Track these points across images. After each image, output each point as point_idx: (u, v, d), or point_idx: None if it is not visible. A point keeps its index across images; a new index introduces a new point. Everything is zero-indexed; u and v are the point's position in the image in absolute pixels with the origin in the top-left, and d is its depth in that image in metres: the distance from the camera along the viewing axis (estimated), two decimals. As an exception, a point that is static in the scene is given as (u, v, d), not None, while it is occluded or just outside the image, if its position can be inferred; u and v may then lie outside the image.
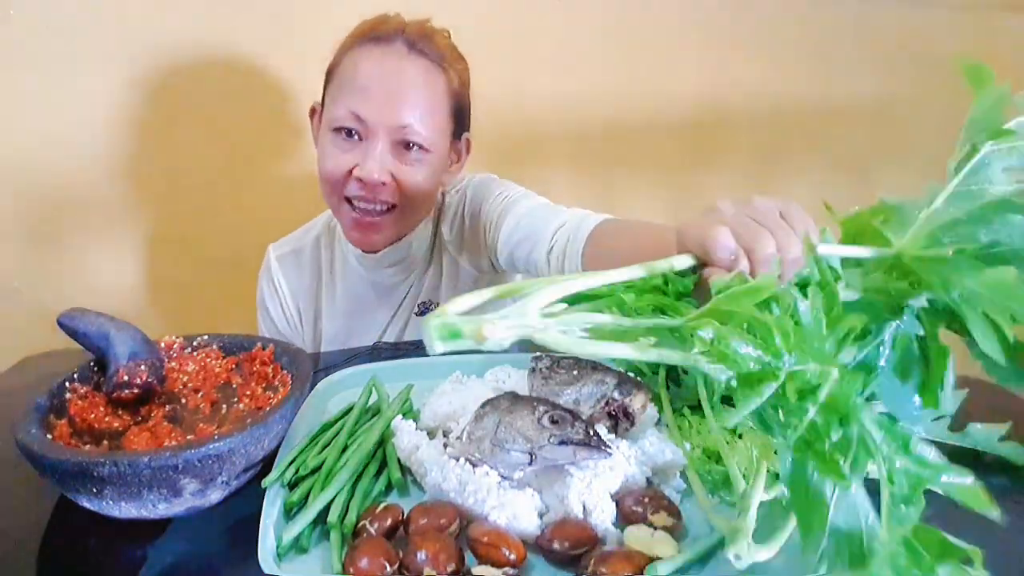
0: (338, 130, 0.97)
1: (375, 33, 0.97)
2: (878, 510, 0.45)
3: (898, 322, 0.54)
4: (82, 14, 1.23)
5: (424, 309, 1.14)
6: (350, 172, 0.97)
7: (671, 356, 0.47)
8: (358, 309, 1.16)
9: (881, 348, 0.55)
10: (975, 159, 0.55)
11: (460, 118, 1.04)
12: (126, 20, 1.25)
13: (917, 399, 0.55)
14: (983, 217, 0.52)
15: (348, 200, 1.00)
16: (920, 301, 0.53)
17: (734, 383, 0.45)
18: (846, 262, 0.55)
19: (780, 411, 0.45)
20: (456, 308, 0.43)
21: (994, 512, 0.50)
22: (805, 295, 0.49)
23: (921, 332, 0.54)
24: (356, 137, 0.97)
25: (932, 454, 0.47)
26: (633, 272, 0.52)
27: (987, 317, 0.47)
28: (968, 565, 0.45)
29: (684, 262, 0.57)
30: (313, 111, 1.07)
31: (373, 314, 1.16)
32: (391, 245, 1.07)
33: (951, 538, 0.45)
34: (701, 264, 0.58)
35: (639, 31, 1.38)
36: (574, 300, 0.52)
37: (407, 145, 0.97)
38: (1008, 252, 0.51)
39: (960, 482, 0.48)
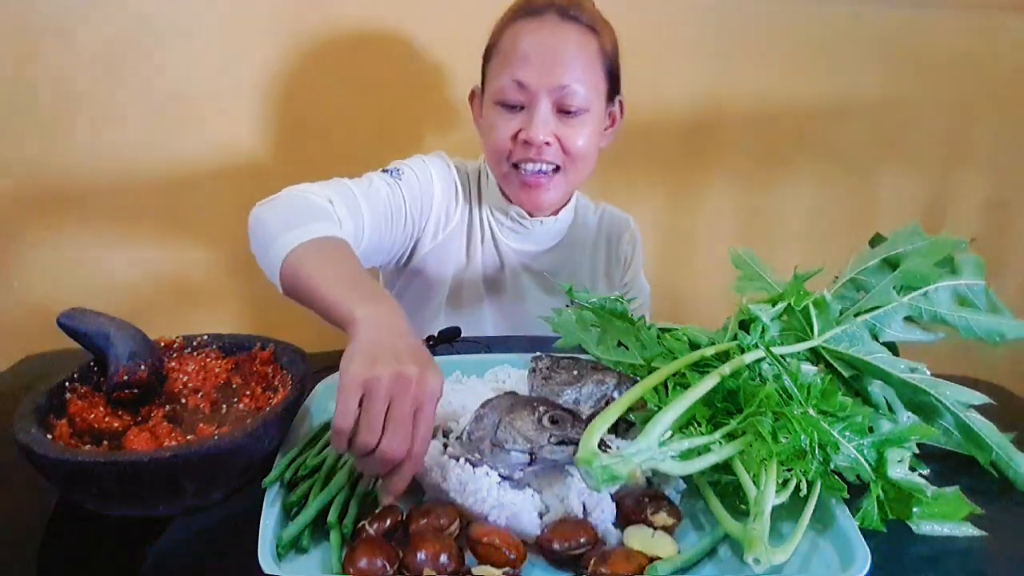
0: (502, 103, 1.03)
1: (528, 7, 1.04)
2: None
3: None
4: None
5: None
6: (515, 137, 1.02)
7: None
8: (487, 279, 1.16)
9: None
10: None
11: (613, 79, 1.09)
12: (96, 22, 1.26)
13: None
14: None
15: (515, 166, 1.05)
16: None
17: None
18: None
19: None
20: (595, 442, 0.56)
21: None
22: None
23: None
24: (519, 107, 1.03)
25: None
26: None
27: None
28: None
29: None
30: (473, 95, 1.12)
31: (507, 289, 1.16)
32: (557, 210, 1.13)
33: None
34: None
35: (639, 31, 1.38)
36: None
37: (568, 110, 1.02)
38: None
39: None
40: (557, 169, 1.05)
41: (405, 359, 0.60)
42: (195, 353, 0.77)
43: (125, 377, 0.68)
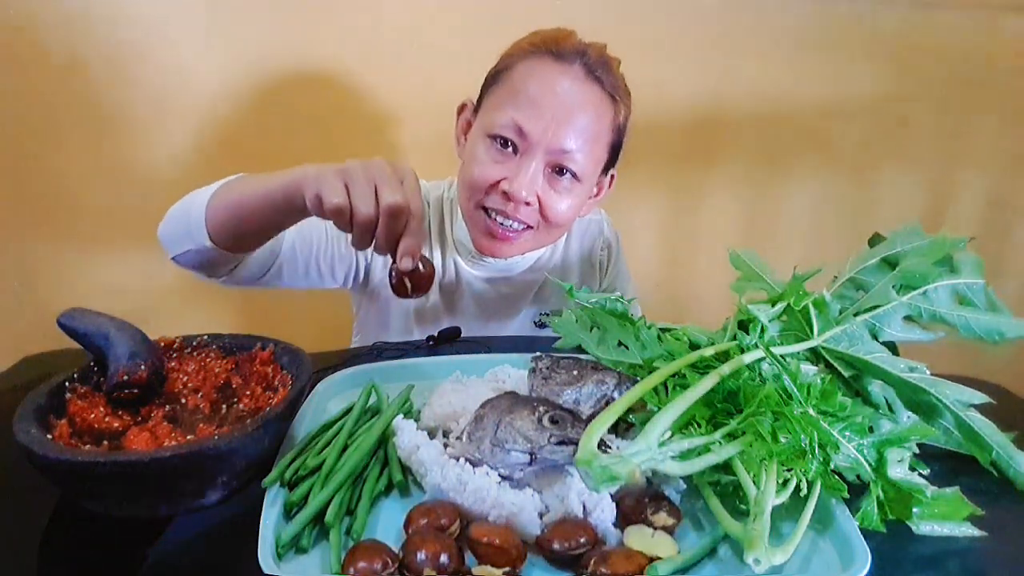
0: (494, 137, 0.94)
1: (556, 48, 0.94)
2: None
3: None
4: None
5: (543, 323, 1.14)
6: (496, 183, 0.95)
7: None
8: (455, 301, 1.12)
9: None
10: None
11: (615, 153, 1.02)
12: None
13: None
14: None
15: (485, 209, 0.98)
16: None
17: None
18: None
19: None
20: (594, 443, 0.55)
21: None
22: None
23: None
24: (511, 149, 0.94)
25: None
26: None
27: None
28: None
29: None
30: (463, 108, 1.03)
31: (468, 310, 1.12)
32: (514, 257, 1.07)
33: None
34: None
35: (639, 31, 1.38)
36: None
37: (561, 170, 0.95)
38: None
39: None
40: (528, 228, 0.98)
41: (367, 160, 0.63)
42: (195, 353, 0.77)
43: (125, 377, 0.68)
